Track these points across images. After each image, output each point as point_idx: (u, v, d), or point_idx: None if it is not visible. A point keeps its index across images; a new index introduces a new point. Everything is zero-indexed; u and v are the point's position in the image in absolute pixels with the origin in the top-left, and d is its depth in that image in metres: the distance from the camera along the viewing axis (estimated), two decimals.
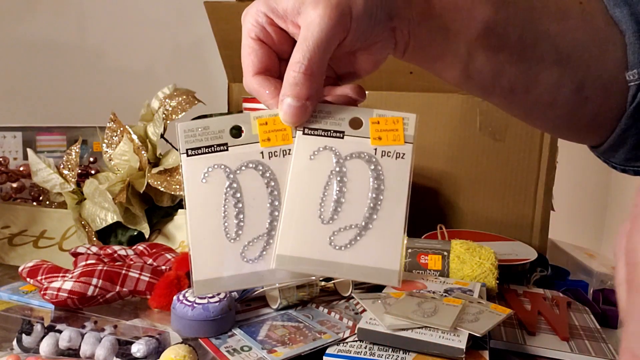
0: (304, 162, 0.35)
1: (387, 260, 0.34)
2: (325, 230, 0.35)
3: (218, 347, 0.48)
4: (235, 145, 0.36)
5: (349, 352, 0.47)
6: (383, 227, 0.34)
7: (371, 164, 0.35)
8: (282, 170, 0.35)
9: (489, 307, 0.51)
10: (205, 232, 0.34)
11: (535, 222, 0.84)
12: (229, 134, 0.36)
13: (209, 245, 0.34)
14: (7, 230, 0.77)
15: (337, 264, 0.34)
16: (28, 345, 0.50)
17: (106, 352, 0.48)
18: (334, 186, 0.35)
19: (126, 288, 0.57)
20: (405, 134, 0.36)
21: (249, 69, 0.37)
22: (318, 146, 0.36)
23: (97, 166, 0.94)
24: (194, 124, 0.35)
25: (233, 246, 0.35)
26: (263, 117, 0.36)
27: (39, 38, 1.39)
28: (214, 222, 0.34)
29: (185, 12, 1.31)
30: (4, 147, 0.89)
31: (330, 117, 0.36)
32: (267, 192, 0.35)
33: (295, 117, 0.35)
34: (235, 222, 0.35)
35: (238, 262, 0.35)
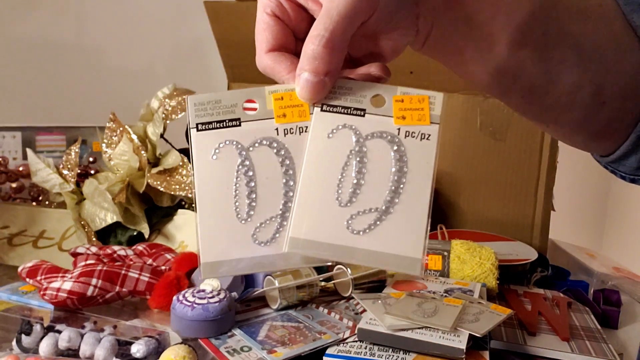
0: (322, 141, 0.33)
1: (408, 248, 0.32)
2: (343, 213, 0.33)
3: (218, 347, 0.48)
4: (248, 120, 0.34)
5: (349, 353, 0.47)
6: (405, 211, 0.32)
7: (394, 144, 0.33)
8: (298, 149, 0.33)
9: (490, 308, 0.51)
10: (214, 211, 0.33)
11: (535, 222, 0.84)
12: (242, 109, 0.34)
13: (218, 225, 0.33)
14: (6, 230, 0.77)
15: (354, 250, 0.32)
16: (27, 346, 0.50)
17: (106, 352, 0.48)
18: (353, 167, 0.33)
19: (126, 288, 0.57)
20: (431, 114, 0.33)
21: (262, 46, 0.34)
22: (337, 124, 0.34)
23: (97, 166, 0.94)
24: (205, 97, 0.34)
25: (244, 227, 0.33)
26: (279, 91, 0.34)
27: (38, 38, 1.38)
28: (224, 201, 0.33)
29: (185, 12, 1.30)
30: (3, 147, 0.89)
31: (350, 94, 0.34)
32: (282, 171, 0.33)
33: (313, 93, 0.33)
34: (246, 202, 0.33)
35: (249, 245, 0.33)
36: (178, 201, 0.77)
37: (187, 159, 0.74)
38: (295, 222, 0.33)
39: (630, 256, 1.45)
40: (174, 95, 0.79)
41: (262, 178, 0.33)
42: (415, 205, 0.33)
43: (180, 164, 0.74)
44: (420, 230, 0.33)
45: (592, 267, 0.82)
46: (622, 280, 0.77)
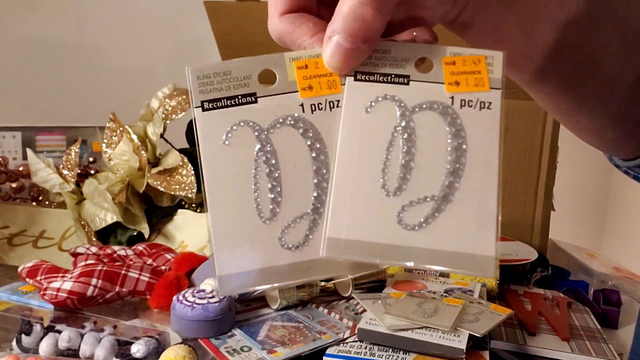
0: (359, 117, 0.28)
1: (477, 243, 0.26)
2: (392, 205, 0.27)
3: (218, 347, 0.48)
4: (266, 95, 0.28)
5: (349, 353, 0.47)
6: (469, 198, 0.27)
7: (447, 116, 0.27)
8: (330, 128, 0.28)
9: (489, 308, 0.51)
10: (230, 211, 0.27)
11: (535, 222, 0.84)
12: (258, 81, 0.28)
13: (236, 228, 0.27)
14: (6, 230, 0.77)
15: (410, 250, 0.26)
16: (27, 346, 0.50)
17: (106, 352, 0.48)
18: (399, 146, 0.27)
19: (126, 288, 0.57)
20: (490, 77, 0.28)
21: (277, 7, 0.29)
22: (376, 95, 0.28)
23: (97, 166, 0.94)
24: (211, 67, 0.28)
25: (268, 229, 0.27)
26: (302, 58, 0.28)
27: (38, 38, 1.38)
28: (241, 197, 0.27)
29: (185, 12, 1.30)
30: (3, 147, 0.89)
31: (389, 58, 0.28)
32: (311, 156, 0.27)
33: (345, 62, 0.27)
34: (270, 197, 0.27)
35: (276, 250, 0.27)
36: (178, 201, 0.77)
37: (187, 159, 0.74)
38: (333, 219, 0.27)
39: (630, 256, 1.45)
40: (174, 95, 0.79)
41: (287, 166, 0.27)
42: (479, 189, 0.27)
43: (180, 164, 0.74)
44: (490, 219, 0.27)
45: (592, 267, 0.82)
46: (622, 280, 0.77)
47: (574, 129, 0.41)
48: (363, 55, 0.27)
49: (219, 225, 0.27)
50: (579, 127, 0.40)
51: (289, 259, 0.27)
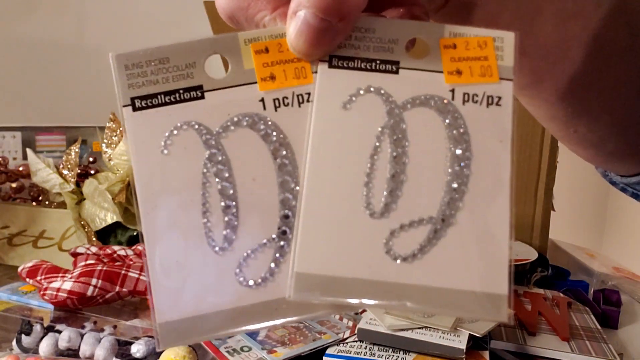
0: (335, 115, 0.21)
1: (485, 279, 0.20)
2: (378, 229, 0.21)
3: (218, 347, 0.48)
4: (216, 89, 0.21)
5: (349, 353, 0.47)
6: (474, 221, 0.21)
7: (447, 115, 0.21)
8: (299, 130, 0.21)
9: None
10: (172, 239, 0.21)
11: (535, 222, 0.84)
12: (204, 71, 0.22)
13: (181, 261, 0.21)
14: (6, 230, 0.77)
15: (402, 287, 0.20)
16: (27, 346, 0.50)
17: (106, 352, 0.48)
18: (387, 153, 0.21)
19: (126, 288, 0.57)
20: (500, 65, 0.22)
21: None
22: (357, 87, 0.22)
23: (97, 166, 0.93)
24: (143, 53, 0.22)
25: (222, 261, 0.21)
26: (261, 39, 0.21)
27: (39, 38, 1.38)
28: (186, 222, 0.21)
29: (184, 12, 1.30)
30: (3, 147, 0.89)
31: (374, 39, 0.22)
32: (275, 167, 0.21)
33: (314, 45, 0.21)
34: (224, 220, 0.21)
35: (232, 288, 0.21)
36: None
37: None
38: (303, 248, 0.21)
39: (630, 256, 1.45)
40: None
41: (244, 180, 0.21)
42: (489, 209, 0.21)
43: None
44: (501, 248, 0.20)
45: (592, 267, 0.82)
46: (622, 280, 0.78)
47: (570, 140, 0.36)
48: (339, 36, 0.21)
49: (158, 258, 0.21)
50: (576, 137, 0.35)
51: (249, 299, 0.21)
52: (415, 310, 0.22)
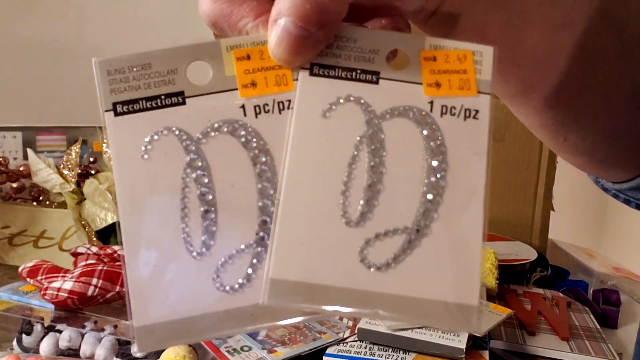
0: (314, 122, 0.22)
1: (457, 290, 0.21)
2: (353, 238, 0.21)
3: (218, 347, 0.48)
4: (197, 95, 0.22)
5: (349, 352, 0.47)
6: (448, 232, 0.21)
7: (425, 126, 0.22)
8: (279, 136, 0.22)
9: (489, 307, 0.52)
10: (151, 244, 0.21)
11: (535, 222, 0.84)
12: (186, 77, 0.22)
13: (159, 266, 0.21)
14: (7, 230, 0.77)
15: (375, 296, 0.21)
16: (28, 345, 0.50)
17: (106, 352, 0.48)
18: (364, 162, 0.22)
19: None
20: (478, 79, 0.22)
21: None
22: (337, 96, 0.22)
23: (97, 166, 0.94)
24: (125, 59, 0.22)
25: (199, 265, 0.21)
26: (243, 46, 0.22)
27: (39, 38, 1.39)
28: (165, 227, 0.21)
29: (185, 12, 1.31)
30: (4, 147, 0.89)
31: (355, 49, 0.22)
32: (255, 173, 0.22)
33: (294, 53, 0.21)
34: (202, 225, 0.21)
35: (209, 292, 0.21)
36: None
37: None
38: (278, 254, 0.21)
39: (629, 256, 1.45)
40: None
41: (224, 186, 0.22)
42: (463, 221, 0.21)
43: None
44: (473, 259, 0.21)
45: (592, 266, 0.82)
46: (622, 280, 0.78)
47: (560, 147, 0.36)
48: (318, 44, 0.21)
49: (136, 263, 0.21)
50: (566, 146, 0.35)
51: (226, 304, 0.21)
52: (388, 318, 0.22)
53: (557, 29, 0.27)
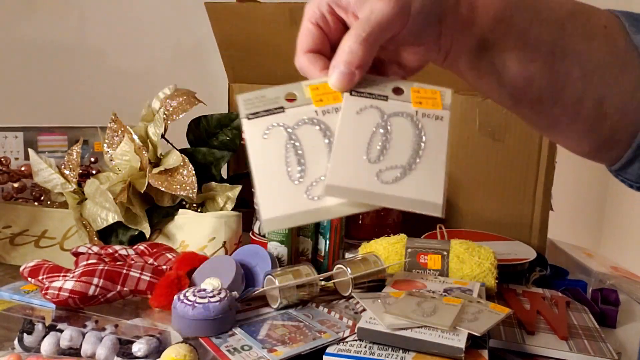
0: (352, 115, 0.39)
1: (431, 194, 0.37)
2: (372, 168, 0.38)
3: (218, 346, 0.48)
4: (290, 107, 0.40)
5: (348, 352, 0.47)
6: (426, 168, 0.38)
7: (413, 121, 0.40)
8: (335, 124, 0.39)
9: (488, 307, 0.52)
10: (269, 177, 0.38)
11: (534, 222, 0.84)
12: (284, 100, 0.40)
13: (274, 188, 0.37)
14: (8, 230, 0.78)
15: (384, 196, 0.37)
16: (29, 345, 0.51)
17: (107, 351, 0.48)
18: (379, 135, 0.39)
19: (127, 287, 0.57)
20: (443, 102, 0.40)
21: (302, 47, 0.40)
22: (364, 104, 0.40)
23: (98, 166, 0.94)
24: (251, 94, 0.40)
25: (298, 187, 0.37)
26: (314, 83, 0.40)
27: (39, 38, 1.39)
28: (277, 169, 0.38)
29: (185, 13, 1.31)
30: (5, 147, 0.89)
31: (375, 85, 0.41)
32: (324, 140, 0.39)
33: (344, 83, 0.39)
34: (298, 168, 0.38)
35: (302, 200, 0.37)
36: (179, 201, 0.78)
37: (187, 159, 0.74)
38: (332, 172, 0.37)
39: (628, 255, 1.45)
40: (175, 95, 0.80)
41: (308, 147, 0.38)
42: (434, 163, 0.38)
43: (181, 164, 0.74)
44: (439, 181, 0.38)
45: (591, 266, 0.82)
46: (620, 279, 0.78)
47: (556, 142, 0.50)
48: (356, 78, 0.39)
49: (262, 187, 0.37)
50: (559, 140, 0.49)
51: (314, 205, 0.37)
52: (389, 206, 0.37)
53: (529, 62, 0.41)
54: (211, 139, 0.84)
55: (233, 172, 1.00)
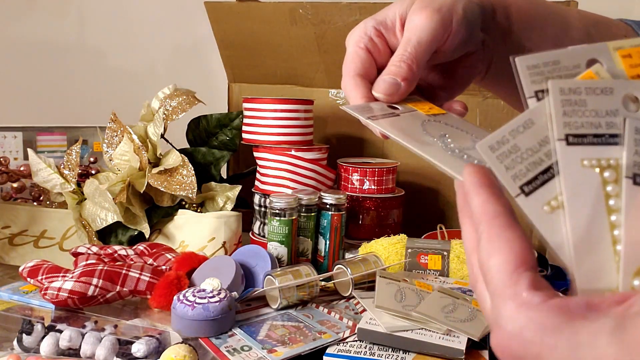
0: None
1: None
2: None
3: (218, 346, 0.48)
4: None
5: (348, 352, 0.47)
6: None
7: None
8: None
9: None
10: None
11: None
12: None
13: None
14: (7, 230, 0.77)
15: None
16: (28, 345, 0.50)
17: (106, 351, 0.48)
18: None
19: (126, 288, 0.57)
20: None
21: (350, 71, 0.40)
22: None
23: (98, 166, 0.94)
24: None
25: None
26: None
27: (39, 38, 1.39)
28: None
29: (185, 12, 1.31)
30: (4, 147, 0.89)
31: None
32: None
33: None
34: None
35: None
36: (178, 201, 0.77)
37: (187, 159, 0.74)
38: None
39: None
40: (174, 95, 0.80)
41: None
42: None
43: (180, 164, 0.74)
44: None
45: None
46: None
47: None
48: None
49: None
50: None
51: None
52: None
53: None
54: (211, 139, 0.84)
55: (233, 172, 0.99)
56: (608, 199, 0.23)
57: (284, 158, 0.77)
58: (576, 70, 0.26)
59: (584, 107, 0.24)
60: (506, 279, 0.23)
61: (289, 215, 0.68)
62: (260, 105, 0.80)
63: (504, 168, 0.25)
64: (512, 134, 0.25)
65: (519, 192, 0.24)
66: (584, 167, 0.23)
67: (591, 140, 0.24)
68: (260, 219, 0.79)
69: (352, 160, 0.82)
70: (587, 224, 0.23)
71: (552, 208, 0.24)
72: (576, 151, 0.24)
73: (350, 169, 0.78)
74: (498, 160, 0.24)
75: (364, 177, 0.77)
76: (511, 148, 0.25)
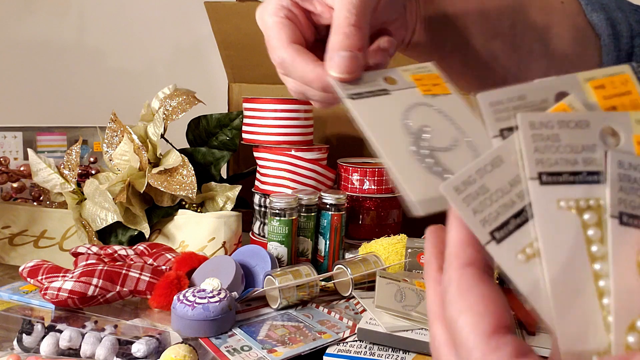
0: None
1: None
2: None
3: (218, 346, 0.48)
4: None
5: (348, 352, 0.47)
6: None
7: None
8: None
9: None
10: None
11: None
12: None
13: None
14: (7, 230, 0.77)
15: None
16: (28, 345, 0.50)
17: (106, 351, 0.48)
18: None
19: (126, 288, 0.57)
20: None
21: (282, 40, 0.35)
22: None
23: (98, 166, 0.94)
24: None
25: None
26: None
27: (40, 39, 1.39)
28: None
29: (185, 12, 1.31)
30: (4, 147, 0.89)
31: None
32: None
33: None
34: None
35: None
36: (178, 201, 0.77)
37: (187, 159, 0.74)
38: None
39: None
40: (174, 95, 0.80)
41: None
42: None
43: (180, 164, 0.74)
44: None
45: None
46: None
47: None
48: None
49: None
50: None
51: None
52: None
53: (492, 37, 0.40)
54: (211, 139, 0.84)
55: (233, 172, 0.99)
56: (590, 245, 0.21)
57: (284, 158, 0.77)
58: (544, 105, 0.24)
59: (558, 142, 0.22)
60: (483, 345, 0.20)
61: (289, 215, 0.68)
62: (260, 105, 0.80)
63: (472, 212, 0.22)
64: (479, 173, 0.22)
65: (489, 239, 0.22)
66: (560, 209, 0.21)
67: (567, 179, 0.22)
68: (260, 219, 0.79)
69: (352, 160, 0.82)
70: (567, 275, 0.21)
71: (528, 257, 0.22)
72: (551, 191, 0.22)
73: (350, 169, 0.78)
74: (464, 203, 0.22)
75: (364, 177, 0.77)
76: (479, 189, 0.22)
